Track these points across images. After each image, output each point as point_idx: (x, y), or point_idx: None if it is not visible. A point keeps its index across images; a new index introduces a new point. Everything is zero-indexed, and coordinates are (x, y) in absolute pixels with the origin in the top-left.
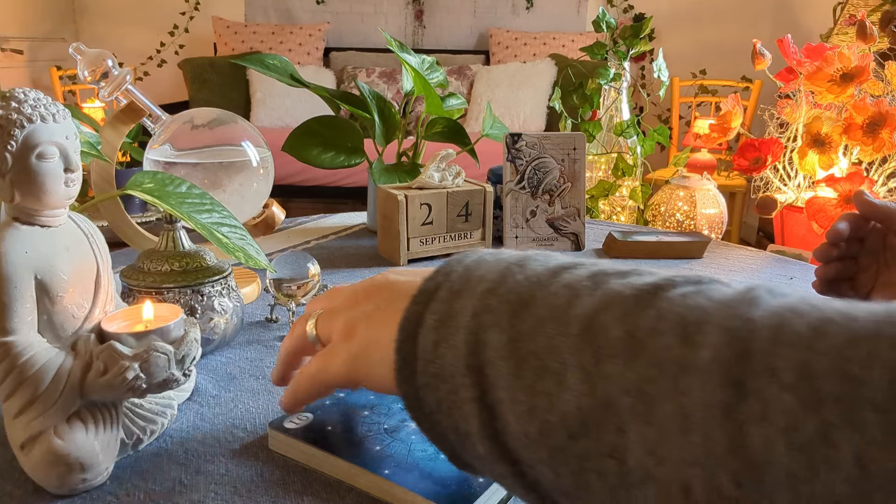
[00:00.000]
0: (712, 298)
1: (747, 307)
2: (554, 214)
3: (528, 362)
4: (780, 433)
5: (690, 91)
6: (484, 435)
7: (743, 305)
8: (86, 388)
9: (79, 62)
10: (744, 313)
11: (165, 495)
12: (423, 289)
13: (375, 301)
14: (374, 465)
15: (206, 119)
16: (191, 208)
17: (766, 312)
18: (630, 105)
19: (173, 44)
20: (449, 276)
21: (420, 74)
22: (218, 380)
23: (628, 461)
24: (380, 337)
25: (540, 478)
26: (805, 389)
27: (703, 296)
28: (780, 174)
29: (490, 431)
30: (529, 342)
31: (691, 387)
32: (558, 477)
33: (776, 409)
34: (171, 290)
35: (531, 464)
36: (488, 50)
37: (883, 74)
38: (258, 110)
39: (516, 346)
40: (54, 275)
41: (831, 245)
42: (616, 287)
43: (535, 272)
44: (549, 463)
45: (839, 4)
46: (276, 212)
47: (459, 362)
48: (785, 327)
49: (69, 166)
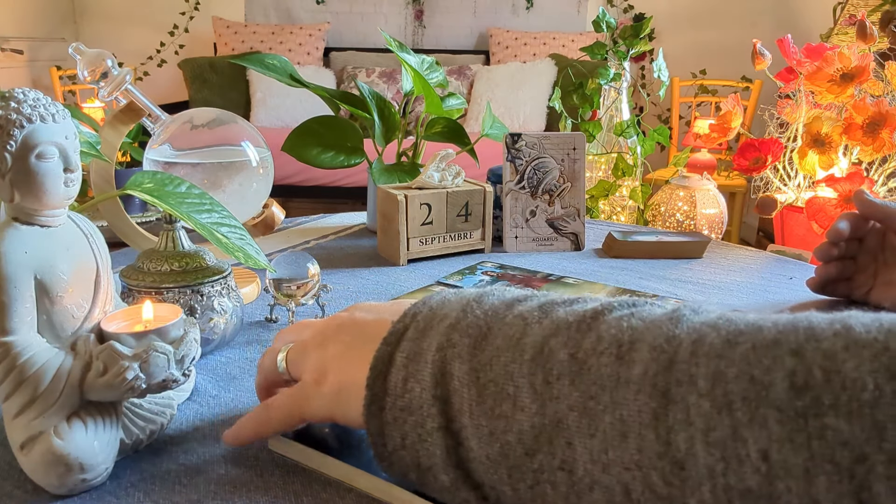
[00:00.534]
0: (644, 319)
1: (673, 325)
2: (554, 214)
3: (488, 389)
4: (700, 433)
5: (690, 91)
6: (449, 463)
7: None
8: (85, 388)
9: (79, 62)
10: (668, 331)
11: (165, 495)
12: (392, 331)
13: (343, 340)
14: (374, 467)
15: (205, 119)
16: (190, 208)
17: (688, 329)
18: (630, 105)
19: (173, 44)
20: (416, 317)
21: (420, 74)
22: (218, 380)
23: (577, 471)
24: (353, 379)
25: (501, 497)
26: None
27: (637, 317)
28: (780, 174)
29: (455, 459)
30: (489, 370)
31: (626, 399)
32: (517, 493)
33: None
34: (171, 290)
35: (493, 484)
36: (488, 50)
37: (883, 74)
38: (258, 110)
39: (477, 374)
40: (54, 275)
41: (831, 245)
42: (562, 315)
43: (492, 306)
44: (509, 481)
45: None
46: (276, 212)
47: (426, 394)
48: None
49: (69, 166)
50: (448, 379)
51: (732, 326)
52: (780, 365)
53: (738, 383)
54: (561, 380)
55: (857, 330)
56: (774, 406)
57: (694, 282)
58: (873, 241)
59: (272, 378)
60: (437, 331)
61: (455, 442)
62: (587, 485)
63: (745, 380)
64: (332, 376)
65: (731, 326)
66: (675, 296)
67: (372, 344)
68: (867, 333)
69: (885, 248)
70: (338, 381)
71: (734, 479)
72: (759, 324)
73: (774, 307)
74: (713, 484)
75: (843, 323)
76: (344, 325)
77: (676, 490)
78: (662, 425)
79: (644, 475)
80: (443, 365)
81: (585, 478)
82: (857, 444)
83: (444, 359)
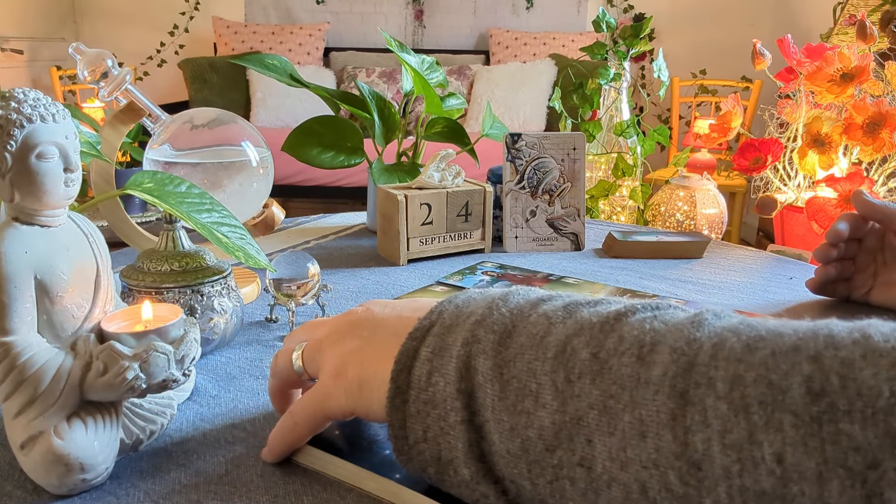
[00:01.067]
0: (666, 322)
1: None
2: (554, 214)
3: (511, 385)
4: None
5: (690, 91)
6: (471, 456)
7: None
8: (85, 388)
9: (79, 62)
10: (690, 334)
11: (165, 495)
12: (418, 326)
13: (361, 335)
14: (385, 469)
15: (205, 119)
16: (190, 208)
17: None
18: (630, 105)
19: (173, 44)
20: (442, 314)
21: (420, 74)
22: (218, 380)
23: (596, 468)
24: (375, 373)
25: (521, 491)
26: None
27: (659, 320)
28: (780, 174)
29: (477, 452)
30: (512, 367)
31: (645, 399)
32: (536, 487)
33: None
34: (171, 290)
35: (512, 478)
36: (488, 50)
37: (883, 74)
38: (258, 110)
39: (501, 370)
40: (54, 275)
41: (831, 245)
42: (585, 315)
43: (517, 304)
44: (528, 476)
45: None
46: (276, 212)
47: (451, 387)
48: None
49: (69, 166)
50: (472, 373)
51: (753, 332)
52: (797, 370)
53: (755, 387)
54: (582, 378)
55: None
56: (790, 410)
57: (694, 282)
58: (873, 241)
59: (288, 378)
60: (463, 327)
61: (478, 436)
62: (605, 482)
63: (763, 384)
64: (352, 370)
65: (752, 332)
66: (675, 296)
67: (395, 339)
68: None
69: (884, 249)
70: (358, 374)
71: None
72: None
73: (774, 307)
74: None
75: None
76: (360, 322)
77: (693, 490)
78: (680, 426)
79: (661, 474)
80: (467, 360)
81: (604, 475)
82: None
83: (469, 354)
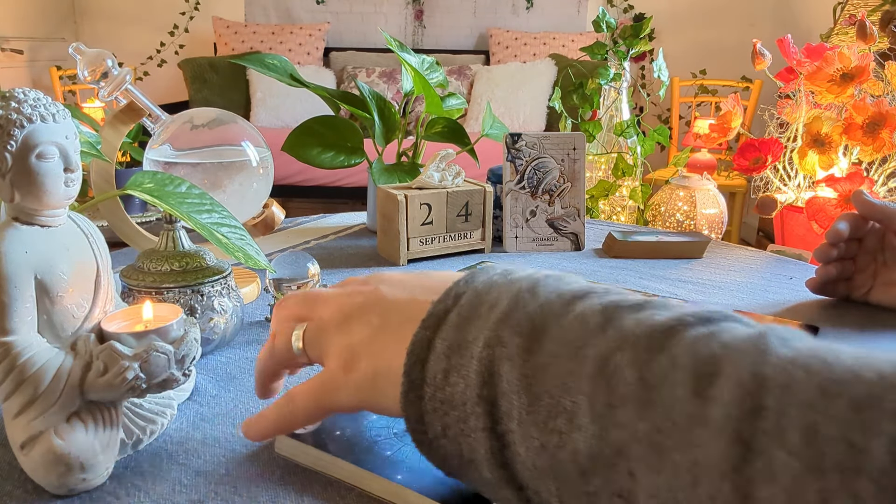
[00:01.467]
0: (726, 346)
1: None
2: (554, 214)
3: (542, 400)
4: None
5: (690, 91)
6: (493, 463)
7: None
8: (86, 388)
9: (79, 62)
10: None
11: (165, 495)
12: (432, 311)
13: (370, 321)
14: (387, 470)
15: (205, 119)
16: (190, 208)
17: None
18: (630, 105)
19: (173, 44)
20: (458, 299)
21: (420, 74)
22: (218, 380)
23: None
24: (389, 365)
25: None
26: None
27: (717, 341)
28: (780, 174)
29: (500, 460)
30: (542, 379)
31: (702, 441)
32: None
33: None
34: (171, 289)
35: (538, 490)
36: (488, 50)
37: (883, 74)
38: (258, 110)
39: (529, 382)
40: (54, 275)
41: (831, 245)
42: (629, 324)
43: (546, 300)
44: (557, 493)
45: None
46: (276, 212)
47: (471, 391)
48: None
49: (69, 166)
50: (496, 380)
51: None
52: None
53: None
54: (626, 405)
55: None
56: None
57: (694, 282)
58: (873, 241)
59: (284, 360)
60: (485, 322)
61: (500, 444)
62: None
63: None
64: (364, 363)
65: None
66: (675, 296)
67: (409, 324)
68: None
69: (884, 249)
70: (372, 367)
71: None
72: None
73: (774, 307)
74: None
75: None
76: (368, 304)
77: None
78: (742, 477)
79: None
80: (490, 364)
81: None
82: None
83: (493, 357)
